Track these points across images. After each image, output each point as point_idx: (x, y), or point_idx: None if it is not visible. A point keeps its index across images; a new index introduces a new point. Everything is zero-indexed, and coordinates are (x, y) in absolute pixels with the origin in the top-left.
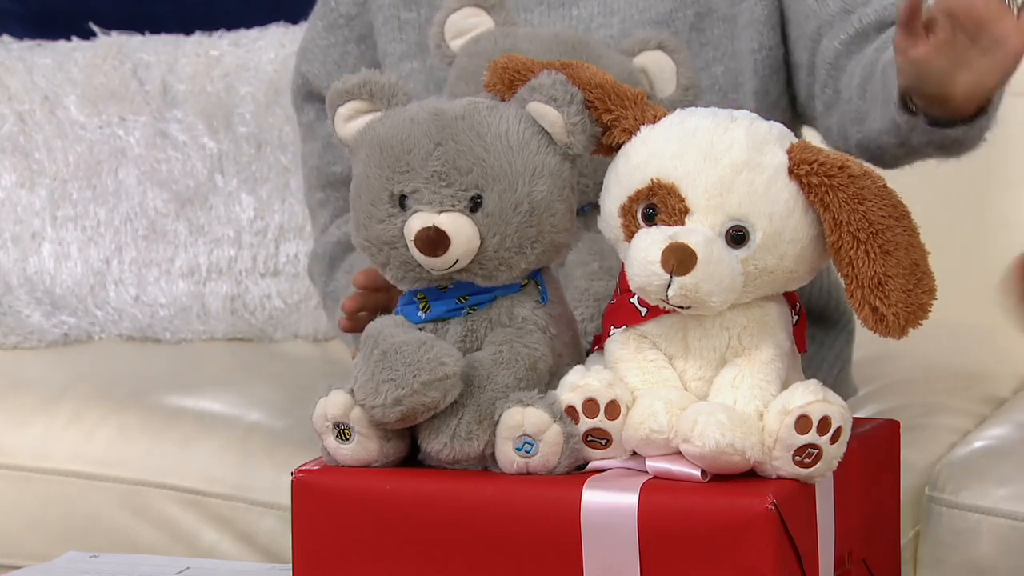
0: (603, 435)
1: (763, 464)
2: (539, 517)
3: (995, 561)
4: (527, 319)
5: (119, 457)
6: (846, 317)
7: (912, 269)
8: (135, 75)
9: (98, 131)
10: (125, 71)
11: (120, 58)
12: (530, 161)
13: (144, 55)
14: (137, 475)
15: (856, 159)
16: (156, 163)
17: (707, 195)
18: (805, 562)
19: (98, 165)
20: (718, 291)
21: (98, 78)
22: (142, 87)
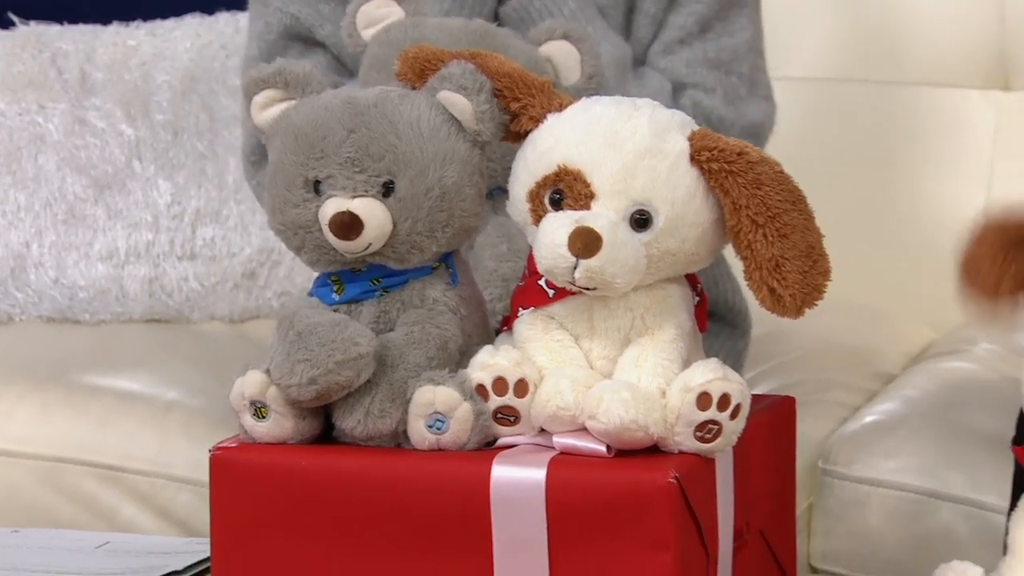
0: (512, 412)
1: (665, 439)
2: (450, 492)
3: (883, 530)
4: (438, 300)
5: (39, 434)
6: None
7: (808, 251)
8: (54, 64)
9: (17, 118)
10: (44, 60)
11: (39, 47)
12: (440, 148)
13: (63, 44)
14: (57, 452)
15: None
16: (75, 149)
17: (611, 180)
18: (705, 533)
19: (18, 151)
20: (622, 273)
21: (17, 67)
22: (61, 75)
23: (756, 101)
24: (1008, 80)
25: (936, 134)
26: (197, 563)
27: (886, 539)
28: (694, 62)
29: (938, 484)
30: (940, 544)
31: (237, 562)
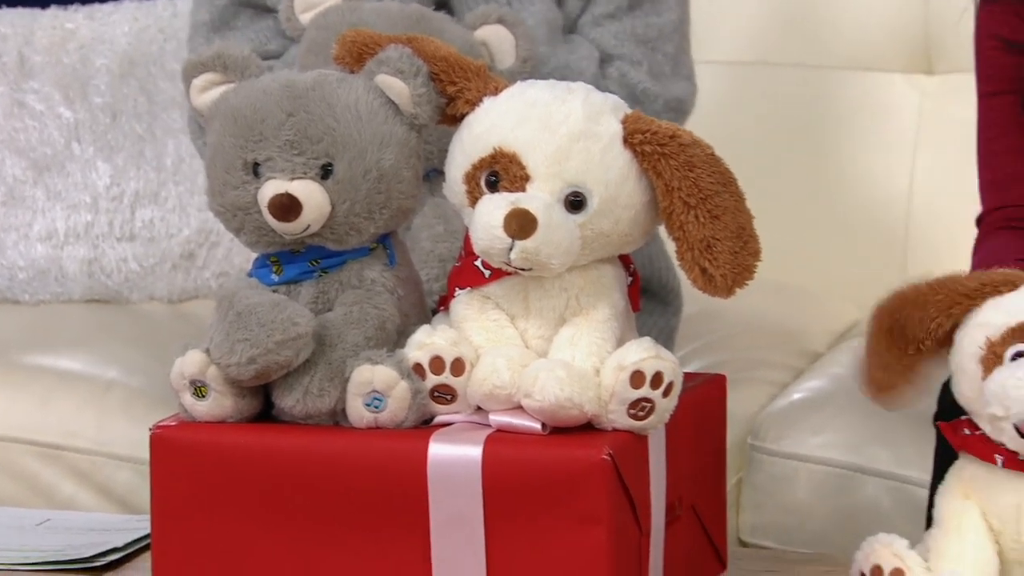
0: (448, 391)
1: (599, 417)
2: (388, 469)
3: (810, 504)
4: (376, 281)
5: None
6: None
7: (739, 232)
8: None
9: None
10: None
11: None
12: (378, 131)
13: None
14: None
15: (686, 129)
16: (14, 132)
17: (546, 163)
18: (638, 508)
19: None
20: (557, 254)
21: None
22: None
23: (679, 80)
24: (931, 64)
25: (861, 117)
26: (137, 540)
27: (813, 513)
28: (622, 35)
29: (863, 459)
30: (865, 517)
31: (177, 539)
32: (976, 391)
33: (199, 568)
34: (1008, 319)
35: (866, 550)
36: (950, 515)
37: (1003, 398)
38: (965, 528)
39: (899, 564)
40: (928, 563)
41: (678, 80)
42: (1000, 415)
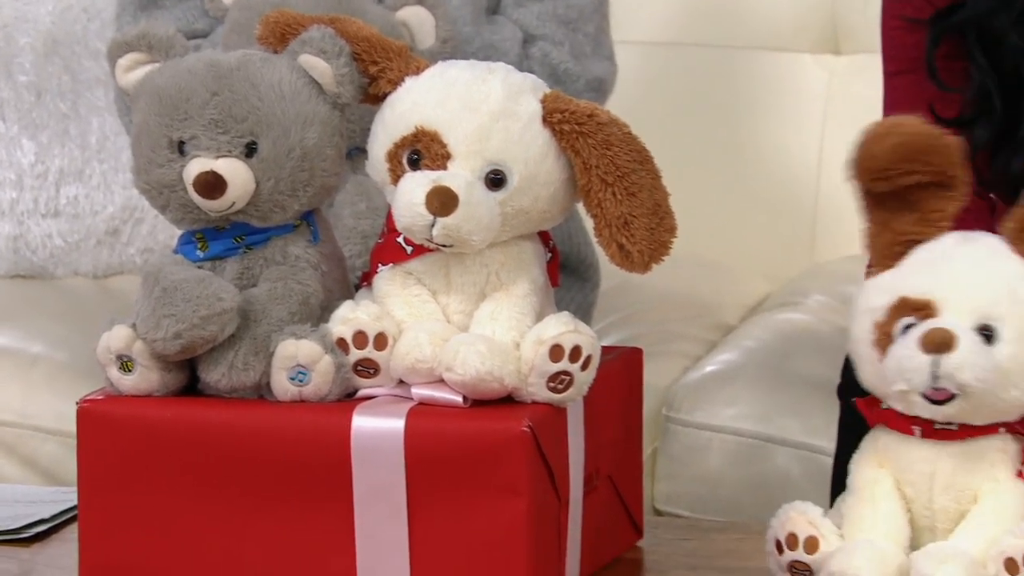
0: (372, 365)
1: (519, 390)
2: (312, 442)
3: (723, 473)
4: (300, 257)
5: None
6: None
7: (655, 209)
8: None
9: None
10: None
11: None
12: (302, 110)
13: None
14: None
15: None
16: None
17: (467, 141)
18: (557, 479)
19: None
20: (478, 230)
21: None
22: None
23: (600, 60)
24: (838, 44)
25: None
26: (64, 511)
27: (725, 482)
28: (544, 16)
29: (773, 430)
30: (776, 486)
31: (104, 511)
32: (879, 374)
33: (126, 539)
34: (887, 298)
35: (781, 518)
36: (864, 483)
37: (902, 372)
38: (879, 496)
39: (814, 532)
40: (841, 530)
41: (599, 60)
42: (905, 388)
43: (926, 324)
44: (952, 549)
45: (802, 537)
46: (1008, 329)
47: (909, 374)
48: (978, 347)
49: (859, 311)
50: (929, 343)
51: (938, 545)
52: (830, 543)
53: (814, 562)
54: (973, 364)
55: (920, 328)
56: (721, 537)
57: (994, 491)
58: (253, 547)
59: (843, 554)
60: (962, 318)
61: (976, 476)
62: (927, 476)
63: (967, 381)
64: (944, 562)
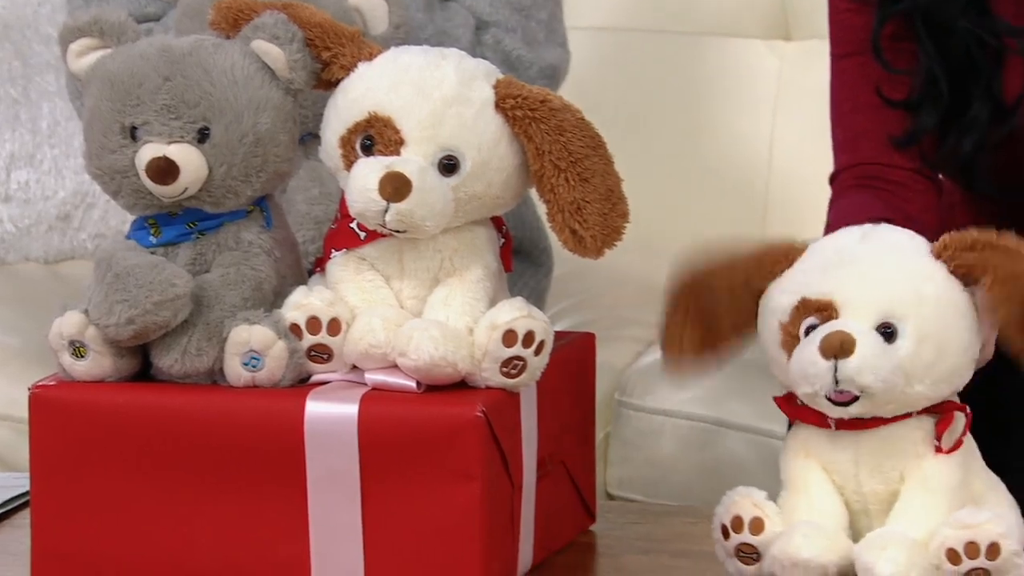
0: (325, 350)
1: (473, 375)
2: (265, 427)
3: (675, 458)
4: (253, 243)
5: None
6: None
7: (607, 195)
8: None
9: None
10: None
11: None
12: (254, 95)
13: None
14: None
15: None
16: None
17: (420, 127)
18: (511, 465)
19: None
20: (431, 216)
21: None
22: None
23: (553, 47)
24: (789, 30)
25: (723, 82)
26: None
27: (678, 466)
28: (497, 2)
29: (725, 414)
30: (727, 470)
31: (56, 496)
32: (787, 375)
33: (78, 525)
34: (790, 299)
35: (726, 503)
36: (795, 475)
37: (805, 376)
38: (811, 484)
39: (758, 513)
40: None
41: (552, 47)
42: (810, 391)
43: (826, 327)
44: (890, 535)
45: (747, 519)
46: (910, 327)
47: (812, 379)
48: (878, 348)
49: (764, 313)
50: (828, 348)
51: (876, 533)
52: (775, 524)
53: (760, 543)
54: (873, 366)
55: (820, 331)
56: (673, 521)
57: (919, 468)
58: (207, 533)
59: (783, 536)
60: (862, 319)
61: (898, 458)
62: (851, 464)
63: (868, 384)
64: (885, 548)
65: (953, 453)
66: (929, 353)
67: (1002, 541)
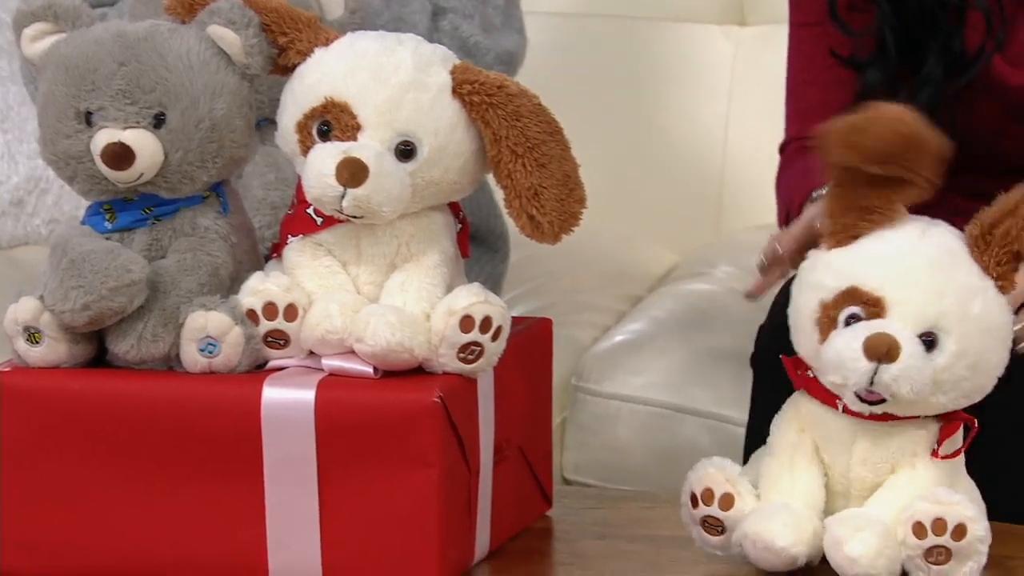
0: (282, 336)
1: (430, 361)
2: (222, 413)
3: (632, 442)
4: (209, 228)
5: None
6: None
7: (564, 180)
8: None
9: None
10: None
11: None
12: (210, 81)
13: None
14: None
15: (514, 80)
16: None
17: (377, 112)
18: (468, 450)
19: None
20: (388, 202)
21: None
22: None
23: (510, 32)
24: (744, 16)
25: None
26: None
27: (635, 451)
28: None
29: (682, 399)
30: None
31: (10, 483)
32: (814, 352)
33: (34, 512)
34: (839, 282)
35: (699, 472)
36: (785, 446)
37: (840, 368)
38: (798, 460)
39: (730, 489)
40: (758, 489)
41: (509, 33)
42: (839, 383)
43: (873, 325)
44: (867, 517)
45: (718, 493)
46: (951, 342)
47: (847, 373)
48: (919, 359)
49: (806, 284)
50: (873, 350)
51: (853, 512)
52: (745, 502)
53: (728, 518)
54: (912, 378)
55: (866, 328)
56: (630, 506)
57: (911, 466)
58: (163, 518)
59: (760, 516)
60: (908, 323)
61: (894, 452)
62: (846, 447)
63: (903, 393)
64: (860, 529)
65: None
66: (963, 369)
67: (970, 524)
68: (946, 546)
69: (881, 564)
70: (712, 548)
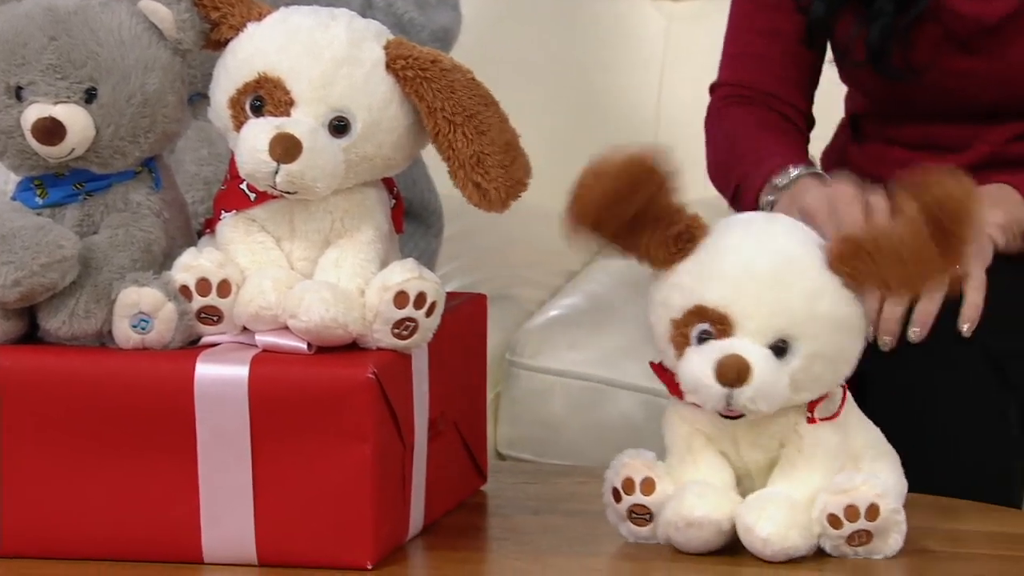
0: (215, 312)
1: (364, 337)
2: (155, 389)
3: (565, 417)
4: (141, 204)
5: None
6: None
7: (506, 148)
8: None
9: None
10: None
11: None
12: (142, 55)
13: None
14: None
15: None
16: None
17: (311, 88)
18: (402, 425)
19: None
20: (322, 177)
21: None
22: None
23: (445, 9)
24: None
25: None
26: None
27: (568, 425)
28: None
29: (616, 374)
30: (618, 430)
31: None
32: (675, 367)
33: None
34: (684, 300)
35: (616, 466)
36: (679, 440)
37: (696, 392)
38: (696, 449)
39: (649, 474)
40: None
41: (444, 9)
42: (698, 402)
43: (723, 346)
44: (769, 496)
45: (638, 479)
46: (803, 345)
47: (703, 396)
48: (772, 374)
49: (654, 303)
50: (724, 376)
51: (756, 495)
52: (667, 484)
53: (653, 504)
54: (767, 395)
55: (716, 350)
56: (564, 481)
57: (796, 435)
58: (97, 495)
59: (675, 499)
60: (758, 337)
61: (777, 430)
62: (731, 438)
63: (761, 409)
64: (764, 508)
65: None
66: (819, 367)
67: (880, 501)
68: (864, 528)
69: (794, 535)
70: (643, 539)
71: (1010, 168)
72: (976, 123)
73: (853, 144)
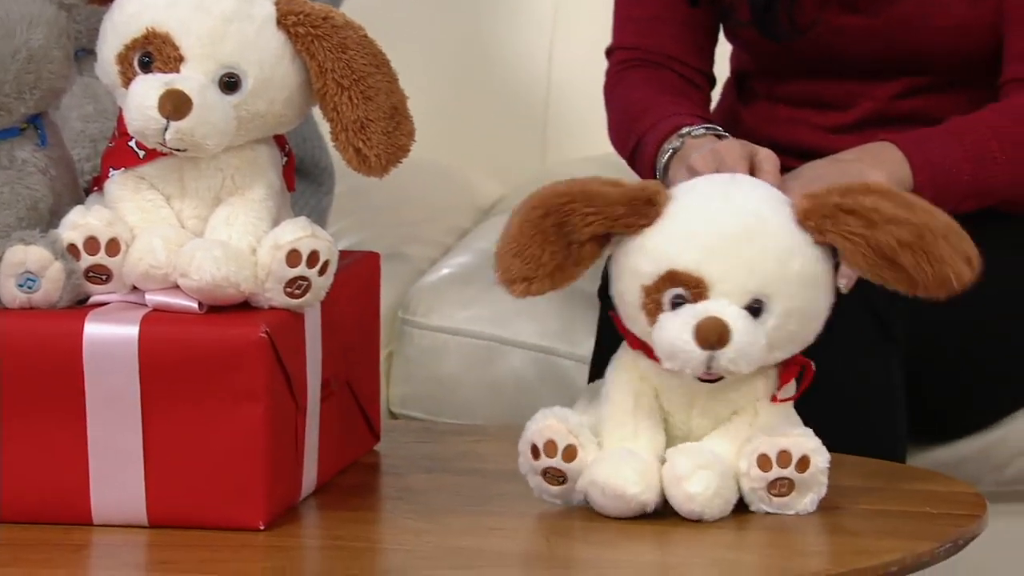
0: (103, 271)
1: (257, 296)
2: (42, 349)
3: (459, 375)
4: (27, 161)
5: None
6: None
7: (392, 113)
8: None
9: None
10: None
11: None
12: (26, 10)
13: None
14: None
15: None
16: None
17: (200, 44)
18: (294, 385)
19: None
20: (212, 134)
21: None
22: None
23: None
24: None
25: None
26: None
27: (461, 384)
28: None
29: (509, 332)
30: (511, 388)
31: None
32: (646, 334)
33: None
34: (656, 266)
35: (539, 424)
36: (626, 394)
37: (674, 357)
38: (639, 408)
39: (573, 441)
40: (598, 436)
41: None
42: (676, 367)
43: (700, 310)
44: (710, 455)
45: (561, 445)
46: (778, 304)
47: (682, 361)
48: (750, 334)
49: (623, 269)
50: (705, 340)
51: (696, 447)
52: (588, 452)
53: (570, 470)
54: (748, 355)
55: (693, 313)
56: (457, 440)
57: (752, 411)
58: None
59: (608, 464)
60: (734, 298)
61: (735, 398)
62: (687, 400)
63: (742, 370)
64: (702, 468)
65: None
66: (793, 325)
67: (813, 456)
68: (790, 478)
69: (716, 504)
70: (551, 497)
71: (894, 125)
72: (861, 80)
73: (739, 104)
